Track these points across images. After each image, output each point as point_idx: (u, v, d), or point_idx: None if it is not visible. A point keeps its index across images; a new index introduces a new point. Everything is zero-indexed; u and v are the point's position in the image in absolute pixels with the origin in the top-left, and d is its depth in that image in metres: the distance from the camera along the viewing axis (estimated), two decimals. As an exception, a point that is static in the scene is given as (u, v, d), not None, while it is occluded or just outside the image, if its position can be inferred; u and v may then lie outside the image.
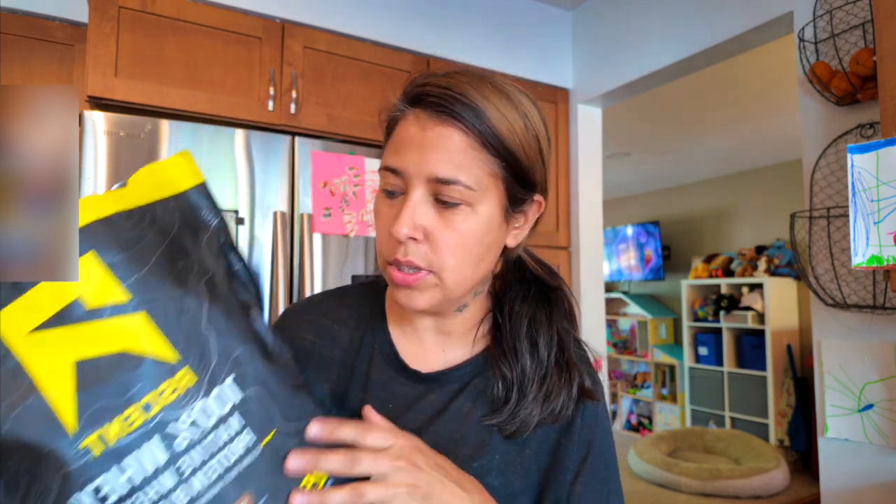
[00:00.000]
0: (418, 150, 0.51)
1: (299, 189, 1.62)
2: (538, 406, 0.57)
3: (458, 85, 0.52)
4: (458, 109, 0.51)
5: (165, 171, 0.48)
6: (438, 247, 0.52)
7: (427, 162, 0.51)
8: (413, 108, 0.53)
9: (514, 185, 0.55)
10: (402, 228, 0.51)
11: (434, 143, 0.51)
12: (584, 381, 0.60)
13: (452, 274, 0.54)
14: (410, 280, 0.53)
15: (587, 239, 2.31)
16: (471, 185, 0.51)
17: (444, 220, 0.52)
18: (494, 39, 2.16)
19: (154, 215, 0.46)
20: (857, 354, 1.34)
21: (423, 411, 0.58)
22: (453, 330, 0.62)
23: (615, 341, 5.68)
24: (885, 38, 1.05)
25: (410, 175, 0.52)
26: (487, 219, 0.54)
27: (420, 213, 0.52)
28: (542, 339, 0.60)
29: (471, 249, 0.54)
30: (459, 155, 0.51)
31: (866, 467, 1.32)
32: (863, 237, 1.02)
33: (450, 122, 0.51)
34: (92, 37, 1.46)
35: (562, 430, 0.59)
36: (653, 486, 3.44)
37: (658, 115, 3.40)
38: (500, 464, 0.57)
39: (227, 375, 0.43)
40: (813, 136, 1.46)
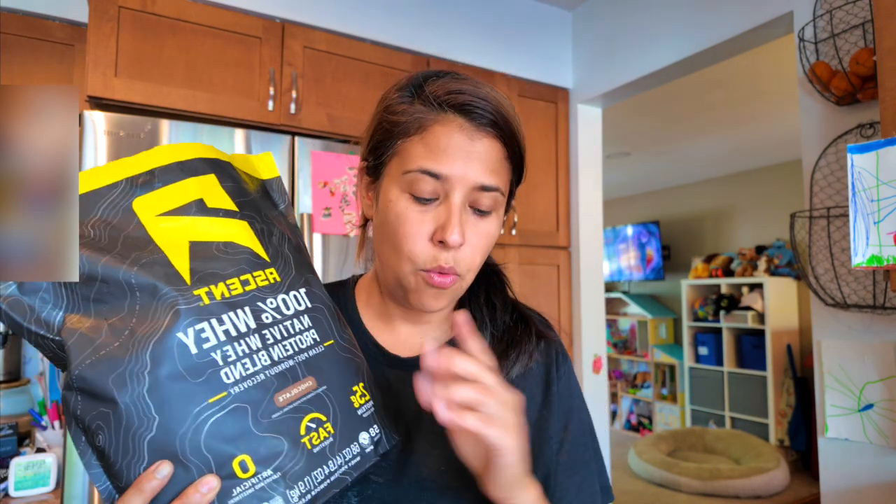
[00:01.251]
0: (465, 158, 0.53)
1: (299, 189, 1.62)
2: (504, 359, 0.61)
3: (495, 98, 0.55)
4: (502, 124, 0.54)
5: (253, 160, 0.61)
6: (472, 252, 0.56)
7: (474, 170, 0.53)
8: (457, 115, 0.54)
9: (516, 183, 0.61)
10: (457, 236, 0.53)
11: (481, 153, 0.54)
12: (538, 326, 0.66)
13: (474, 272, 0.58)
14: (448, 283, 0.55)
15: (587, 239, 2.31)
16: (503, 191, 0.56)
17: (476, 227, 0.56)
18: (494, 39, 2.16)
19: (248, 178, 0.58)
20: (857, 354, 1.34)
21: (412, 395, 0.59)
22: (432, 318, 0.65)
23: (615, 341, 5.68)
24: (886, 37, 1.05)
25: (454, 182, 0.53)
26: (501, 219, 0.59)
27: (464, 221, 0.54)
28: (498, 303, 0.66)
29: (489, 249, 0.58)
30: (498, 165, 0.55)
31: (866, 467, 1.32)
32: (863, 237, 1.02)
33: (494, 134, 0.54)
34: (92, 37, 1.46)
35: (543, 397, 0.63)
36: (653, 486, 3.45)
37: (658, 115, 3.40)
38: None
39: (301, 287, 0.54)
40: (813, 135, 1.46)
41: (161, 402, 0.42)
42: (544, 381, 0.64)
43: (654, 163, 4.54)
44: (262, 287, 0.50)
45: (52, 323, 0.45)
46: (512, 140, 0.56)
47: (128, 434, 0.41)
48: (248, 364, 0.46)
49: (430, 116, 0.54)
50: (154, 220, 0.49)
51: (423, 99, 0.55)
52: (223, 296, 0.47)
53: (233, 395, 0.44)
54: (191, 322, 0.44)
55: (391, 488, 0.55)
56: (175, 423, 0.42)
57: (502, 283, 0.69)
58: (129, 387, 0.41)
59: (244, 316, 0.47)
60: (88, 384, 0.42)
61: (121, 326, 0.44)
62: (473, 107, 0.53)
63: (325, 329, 0.53)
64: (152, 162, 0.52)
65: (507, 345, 0.62)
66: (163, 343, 0.43)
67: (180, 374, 0.43)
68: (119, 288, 0.45)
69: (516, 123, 0.56)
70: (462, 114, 0.53)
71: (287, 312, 0.50)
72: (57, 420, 1.62)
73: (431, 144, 0.53)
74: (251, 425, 0.44)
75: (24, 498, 1.42)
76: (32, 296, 0.45)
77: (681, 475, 3.36)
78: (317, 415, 0.48)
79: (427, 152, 0.53)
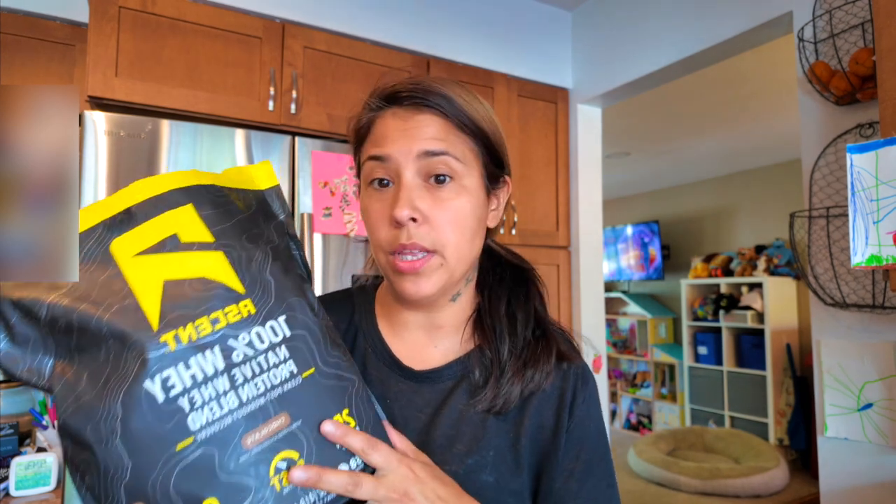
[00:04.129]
0: (402, 136, 0.56)
1: (299, 189, 1.62)
2: (517, 374, 0.59)
3: (426, 81, 0.58)
4: (433, 99, 0.56)
5: (251, 171, 0.61)
6: (438, 225, 0.55)
7: (414, 142, 0.55)
8: (389, 106, 0.58)
9: (490, 162, 0.61)
10: (403, 210, 0.54)
11: (417, 128, 0.56)
12: (561, 346, 0.63)
13: (455, 250, 0.57)
14: (418, 265, 0.55)
15: (587, 239, 2.31)
16: (458, 157, 0.56)
17: (437, 200, 0.56)
18: (494, 39, 2.16)
19: (238, 196, 0.57)
20: (857, 354, 1.34)
21: (422, 409, 0.60)
22: (445, 323, 0.63)
23: (615, 340, 5.69)
24: (885, 37, 1.05)
25: (398, 159, 0.56)
26: (475, 193, 0.58)
27: (416, 195, 0.55)
28: (520, 314, 0.63)
29: (466, 224, 0.57)
30: (442, 133, 0.56)
31: (865, 466, 1.32)
32: (862, 237, 1.03)
33: (427, 110, 0.56)
34: (92, 37, 1.46)
35: (554, 425, 0.60)
36: (652, 486, 3.45)
37: (658, 115, 3.40)
38: (493, 460, 0.57)
39: (280, 315, 0.52)
40: (812, 135, 1.46)
41: (133, 449, 0.43)
42: (557, 405, 0.61)
43: (653, 163, 4.54)
44: (233, 323, 0.49)
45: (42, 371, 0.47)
46: (456, 111, 0.57)
47: (106, 478, 0.43)
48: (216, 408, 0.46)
49: (371, 116, 0.60)
50: (131, 262, 0.49)
51: (368, 106, 0.60)
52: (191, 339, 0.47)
53: (199, 441, 0.44)
54: (157, 370, 0.45)
55: None
56: (146, 469, 0.43)
57: (528, 292, 0.66)
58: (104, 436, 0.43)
59: (212, 357, 0.47)
60: (71, 432, 0.45)
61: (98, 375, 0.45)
62: (401, 93, 0.57)
63: (304, 358, 0.51)
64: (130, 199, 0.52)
65: (525, 363, 0.60)
66: (131, 393, 0.44)
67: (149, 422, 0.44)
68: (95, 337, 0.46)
69: (462, 99, 0.57)
70: (394, 103, 0.58)
71: (261, 346, 0.49)
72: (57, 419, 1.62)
73: (374, 137, 0.58)
74: (218, 470, 0.45)
75: (24, 497, 1.42)
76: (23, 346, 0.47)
77: (680, 474, 3.36)
78: (288, 453, 0.47)
79: (372, 144, 0.58)
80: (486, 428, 0.58)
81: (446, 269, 0.57)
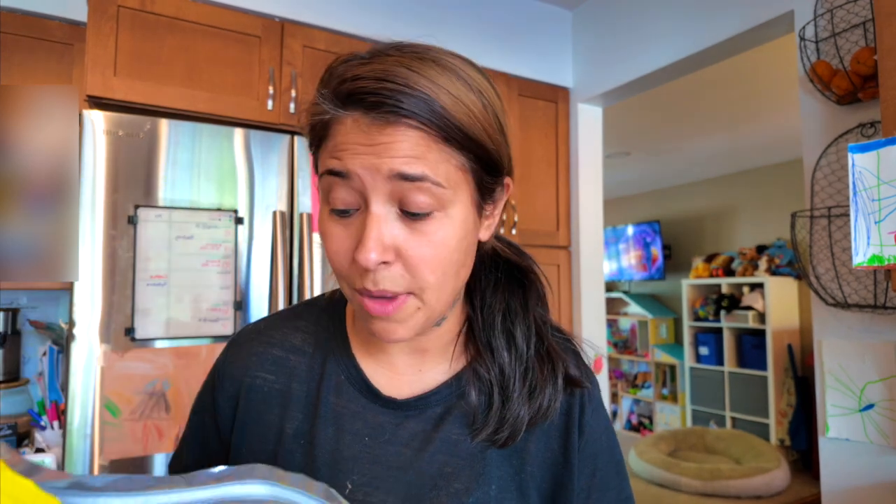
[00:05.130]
0: (370, 152, 0.43)
1: (299, 188, 1.61)
2: (525, 404, 0.52)
3: (397, 71, 0.42)
4: (407, 105, 0.42)
5: None
6: (414, 265, 0.45)
7: (383, 160, 0.42)
8: (347, 110, 0.44)
9: (484, 175, 0.48)
10: (370, 254, 0.43)
11: (391, 143, 0.42)
12: (569, 368, 0.55)
13: (435, 292, 0.46)
14: (389, 309, 0.46)
15: (587, 239, 2.30)
16: (440, 182, 0.44)
17: (415, 233, 0.44)
18: (494, 39, 2.16)
19: None
20: (858, 354, 1.33)
21: (408, 443, 0.52)
22: (430, 346, 0.55)
23: (616, 341, 5.68)
24: (886, 36, 1.05)
25: (364, 179, 0.43)
26: (462, 221, 0.47)
27: (387, 231, 0.44)
28: (518, 329, 0.54)
29: (450, 259, 0.46)
30: (421, 150, 0.43)
31: (867, 467, 1.32)
32: (864, 236, 1.02)
33: (400, 121, 0.42)
34: (91, 36, 1.46)
35: (562, 448, 0.54)
36: (653, 486, 3.44)
37: (658, 115, 3.40)
38: (497, 494, 0.51)
39: None
40: (814, 135, 1.45)
41: None
42: (565, 422, 0.55)
43: (654, 162, 4.53)
44: None
45: None
46: (439, 120, 0.43)
47: None
48: None
49: (328, 116, 0.45)
50: None
51: (324, 97, 0.46)
52: None
53: None
54: None
55: None
56: None
57: (527, 298, 0.57)
58: None
59: None
60: None
61: None
62: (366, 94, 0.42)
63: None
64: None
65: (531, 389, 0.52)
66: None
67: None
68: None
69: (447, 98, 0.43)
70: (357, 106, 0.43)
71: None
72: (56, 420, 1.62)
73: (333, 144, 0.45)
74: None
75: (24, 498, 1.42)
76: None
77: (681, 475, 3.36)
78: None
79: (330, 154, 0.45)
80: (486, 460, 0.51)
81: (425, 311, 0.47)
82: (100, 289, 1.34)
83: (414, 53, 0.45)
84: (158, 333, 1.40)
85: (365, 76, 0.43)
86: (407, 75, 0.42)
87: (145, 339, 1.38)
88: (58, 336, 1.83)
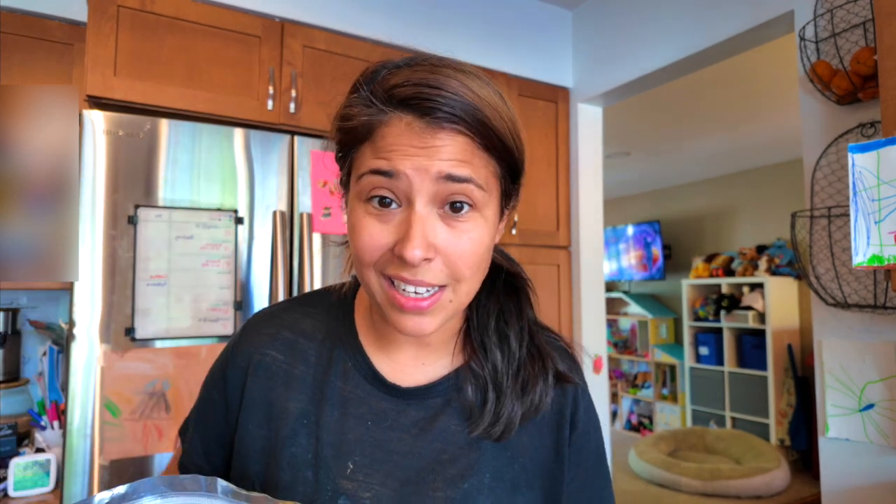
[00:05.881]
0: (419, 154, 0.46)
1: (299, 188, 1.61)
2: (518, 400, 0.55)
3: (448, 80, 0.46)
4: (459, 112, 0.46)
5: None
6: (453, 261, 0.48)
7: (433, 162, 0.46)
8: (399, 112, 0.47)
9: (509, 181, 0.52)
10: (415, 251, 0.45)
11: (439, 147, 0.46)
12: (558, 365, 0.58)
13: (466, 285, 0.50)
14: (425, 304, 0.48)
15: (587, 239, 2.30)
16: (482, 185, 0.48)
17: (454, 231, 0.48)
18: (494, 39, 2.16)
19: None
20: (858, 354, 1.33)
21: (408, 430, 0.55)
22: (433, 341, 0.58)
23: (616, 341, 5.68)
24: (886, 36, 1.05)
25: (412, 181, 0.46)
26: (493, 223, 0.51)
27: (430, 229, 0.47)
28: (512, 331, 0.58)
29: (482, 258, 0.50)
30: (467, 156, 0.47)
31: (867, 467, 1.32)
32: (864, 236, 1.02)
33: (451, 127, 0.46)
34: (91, 36, 1.46)
35: (554, 443, 0.58)
36: (653, 486, 3.45)
37: (658, 115, 3.40)
38: (490, 482, 0.54)
39: None
40: (814, 135, 1.45)
41: None
42: (557, 420, 0.58)
43: (654, 162, 4.53)
44: None
45: None
46: (482, 129, 0.47)
47: None
48: None
49: (377, 118, 0.48)
50: None
51: (370, 99, 0.48)
52: None
53: None
54: None
55: None
56: None
57: (521, 304, 0.60)
58: None
59: None
60: None
61: None
62: (421, 99, 0.45)
63: None
64: None
65: (523, 387, 0.56)
66: None
67: None
68: None
69: (489, 110, 0.47)
70: (410, 110, 0.46)
71: None
72: (56, 420, 1.62)
73: (379, 147, 0.47)
74: None
75: (23, 498, 1.42)
76: None
77: (681, 475, 3.36)
78: None
79: (375, 154, 0.48)
80: (481, 450, 0.55)
81: (455, 304, 0.51)
82: (100, 289, 1.34)
83: (456, 65, 0.49)
84: (158, 333, 1.40)
85: (416, 84, 0.46)
86: (457, 86, 0.46)
87: (145, 339, 1.38)
88: (58, 336, 1.83)
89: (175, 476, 0.42)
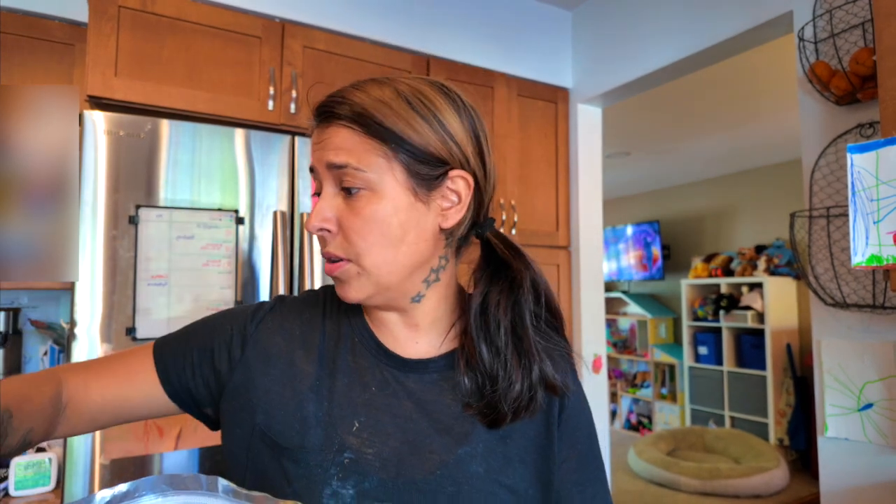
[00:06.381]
0: (318, 149, 0.58)
1: (299, 188, 1.62)
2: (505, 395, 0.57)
3: (344, 89, 0.58)
4: (337, 109, 0.56)
5: None
6: (349, 234, 0.56)
7: (323, 154, 0.57)
8: (315, 121, 0.60)
9: (414, 162, 0.56)
10: (312, 222, 0.56)
11: (327, 140, 0.57)
12: (545, 370, 0.59)
13: (370, 258, 0.56)
14: (334, 269, 0.58)
15: (587, 239, 2.31)
16: (361, 167, 0.55)
17: (350, 209, 0.56)
18: (494, 39, 2.16)
19: None
20: (857, 354, 1.34)
21: (408, 398, 0.60)
22: (419, 322, 0.62)
23: (615, 341, 5.68)
24: (885, 37, 1.05)
25: (319, 170, 0.58)
26: (392, 199, 0.56)
27: (328, 206, 0.57)
28: (492, 324, 0.59)
29: (382, 231, 0.56)
30: (348, 143, 0.55)
31: (866, 467, 1.32)
32: (862, 237, 1.03)
33: (333, 121, 0.57)
34: (92, 36, 1.46)
35: (544, 421, 0.61)
36: (652, 486, 3.45)
37: (658, 115, 3.40)
38: (483, 451, 0.58)
39: None
40: (813, 135, 1.46)
41: None
42: (546, 415, 0.62)
43: (654, 163, 4.54)
44: None
45: None
46: (362, 119, 0.55)
47: None
48: None
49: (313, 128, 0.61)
50: None
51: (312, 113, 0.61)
52: None
53: None
54: None
55: (387, 486, 0.55)
56: None
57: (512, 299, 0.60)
58: None
59: None
60: None
61: None
62: (318, 110, 0.59)
63: None
64: None
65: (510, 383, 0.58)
66: None
67: None
68: None
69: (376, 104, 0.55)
70: (315, 118, 0.59)
71: None
72: (57, 420, 1.62)
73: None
74: None
75: (24, 497, 1.42)
76: None
77: (680, 474, 3.36)
78: None
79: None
80: (475, 425, 0.59)
81: (367, 277, 0.57)
82: (101, 288, 1.34)
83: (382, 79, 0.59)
84: (159, 333, 1.39)
85: (329, 95, 0.58)
86: (352, 91, 0.57)
87: (146, 339, 1.38)
88: (59, 336, 1.83)
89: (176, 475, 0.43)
